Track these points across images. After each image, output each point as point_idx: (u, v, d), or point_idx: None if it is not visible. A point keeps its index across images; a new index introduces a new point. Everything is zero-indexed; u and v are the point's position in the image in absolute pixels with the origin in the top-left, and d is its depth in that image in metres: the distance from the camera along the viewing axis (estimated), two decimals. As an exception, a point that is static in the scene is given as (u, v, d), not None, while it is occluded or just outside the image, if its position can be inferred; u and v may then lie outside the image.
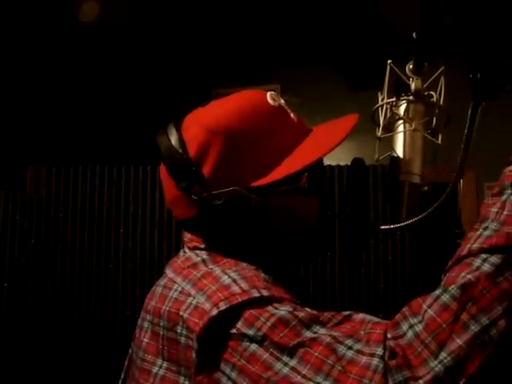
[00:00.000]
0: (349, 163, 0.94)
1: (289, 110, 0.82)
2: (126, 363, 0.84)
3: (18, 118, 2.97)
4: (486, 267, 0.56)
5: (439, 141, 0.95)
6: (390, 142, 0.98)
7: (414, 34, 0.87)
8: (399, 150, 0.94)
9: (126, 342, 2.21)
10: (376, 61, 1.95)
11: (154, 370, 0.71)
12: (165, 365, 0.70)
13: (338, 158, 1.90)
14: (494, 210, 0.60)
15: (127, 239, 2.10)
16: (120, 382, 0.84)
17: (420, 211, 0.82)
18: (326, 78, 3.51)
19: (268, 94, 0.81)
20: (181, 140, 0.77)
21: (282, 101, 0.82)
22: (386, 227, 0.88)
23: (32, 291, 2.06)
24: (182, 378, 0.68)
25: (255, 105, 0.80)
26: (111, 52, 3.27)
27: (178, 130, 0.79)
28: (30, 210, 2.08)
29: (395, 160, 0.94)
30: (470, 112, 0.67)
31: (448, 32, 1.00)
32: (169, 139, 0.78)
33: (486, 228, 0.59)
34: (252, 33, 3.14)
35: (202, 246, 0.78)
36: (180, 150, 0.76)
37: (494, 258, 0.56)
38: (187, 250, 0.81)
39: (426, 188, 0.95)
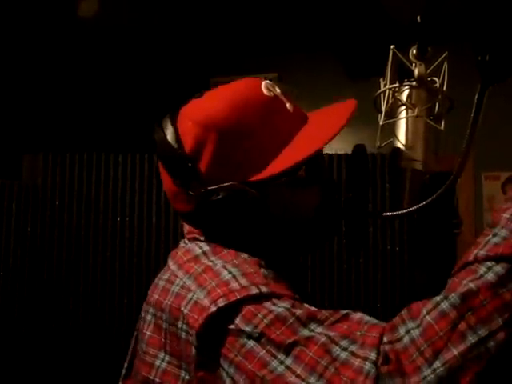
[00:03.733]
0: (346, 152, 0.93)
1: (285, 100, 0.79)
2: (130, 353, 0.83)
3: (14, 105, 2.94)
4: (490, 276, 0.54)
5: (442, 127, 0.94)
6: (391, 130, 0.96)
7: (418, 18, 0.86)
8: (401, 137, 0.93)
9: (122, 331, 2.21)
10: (374, 49, 1.94)
11: (157, 363, 0.71)
12: (167, 358, 0.70)
13: (333, 147, 1.89)
14: (506, 215, 0.58)
15: (124, 227, 2.09)
16: (123, 371, 0.83)
17: (421, 199, 0.81)
18: (324, 66, 3.49)
19: (263, 83, 0.78)
20: (176, 135, 0.76)
21: (278, 90, 0.79)
22: (387, 214, 0.88)
23: (28, 280, 2.05)
24: (183, 372, 0.68)
25: (248, 97, 0.77)
26: (108, 41, 3.24)
27: (174, 124, 0.77)
28: (26, 198, 2.07)
29: (397, 146, 0.93)
30: (476, 95, 0.66)
31: (452, 16, 0.99)
32: (164, 134, 0.76)
33: (495, 234, 0.57)
34: (249, 21, 3.12)
35: (202, 238, 0.78)
36: (176, 146, 0.75)
37: (499, 268, 0.54)
38: (187, 242, 0.80)
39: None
